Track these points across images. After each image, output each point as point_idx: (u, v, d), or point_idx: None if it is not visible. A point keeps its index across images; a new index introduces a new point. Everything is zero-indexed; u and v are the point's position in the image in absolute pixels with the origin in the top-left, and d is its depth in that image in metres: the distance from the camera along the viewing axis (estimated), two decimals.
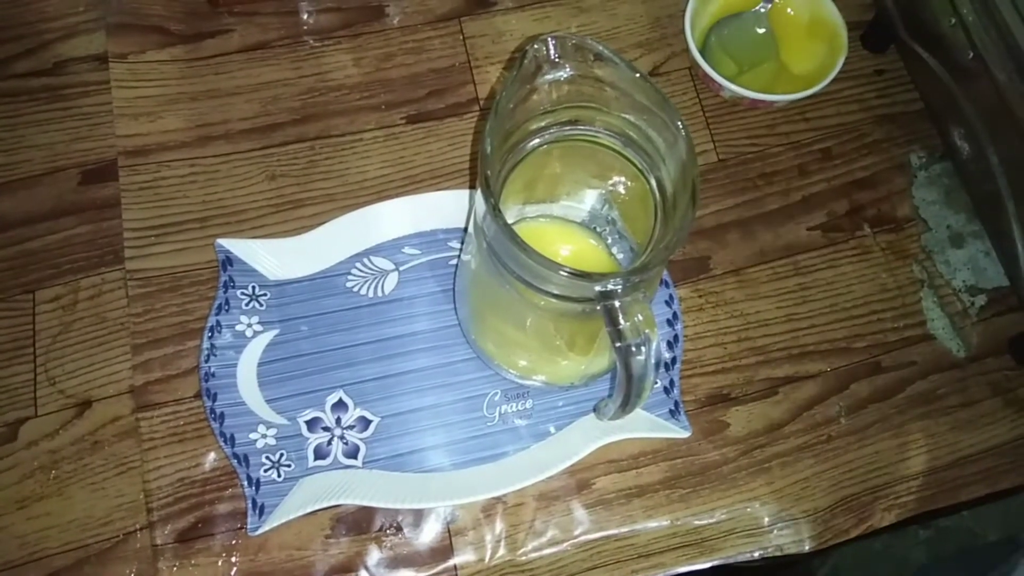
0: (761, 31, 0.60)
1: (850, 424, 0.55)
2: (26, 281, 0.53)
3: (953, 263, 0.59)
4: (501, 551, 0.50)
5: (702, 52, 0.58)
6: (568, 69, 0.38)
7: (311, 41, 0.60)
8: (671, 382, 0.54)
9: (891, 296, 0.58)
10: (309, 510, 0.49)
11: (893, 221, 0.60)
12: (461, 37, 0.62)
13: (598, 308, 0.35)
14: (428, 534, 0.50)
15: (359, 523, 0.50)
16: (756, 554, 0.52)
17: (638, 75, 0.37)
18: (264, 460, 0.50)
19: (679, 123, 0.36)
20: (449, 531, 0.51)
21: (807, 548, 0.52)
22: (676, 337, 0.55)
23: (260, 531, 0.48)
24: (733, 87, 0.57)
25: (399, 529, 0.50)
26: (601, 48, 0.37)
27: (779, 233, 0.59)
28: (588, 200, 0.48)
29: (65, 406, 0.51)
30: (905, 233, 0.60)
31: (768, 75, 0.60)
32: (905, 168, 0.62)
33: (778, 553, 0.52)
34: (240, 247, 0.54)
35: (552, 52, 0.37)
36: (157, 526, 0.49)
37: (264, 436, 0.51)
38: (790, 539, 0.52)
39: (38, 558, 0.48)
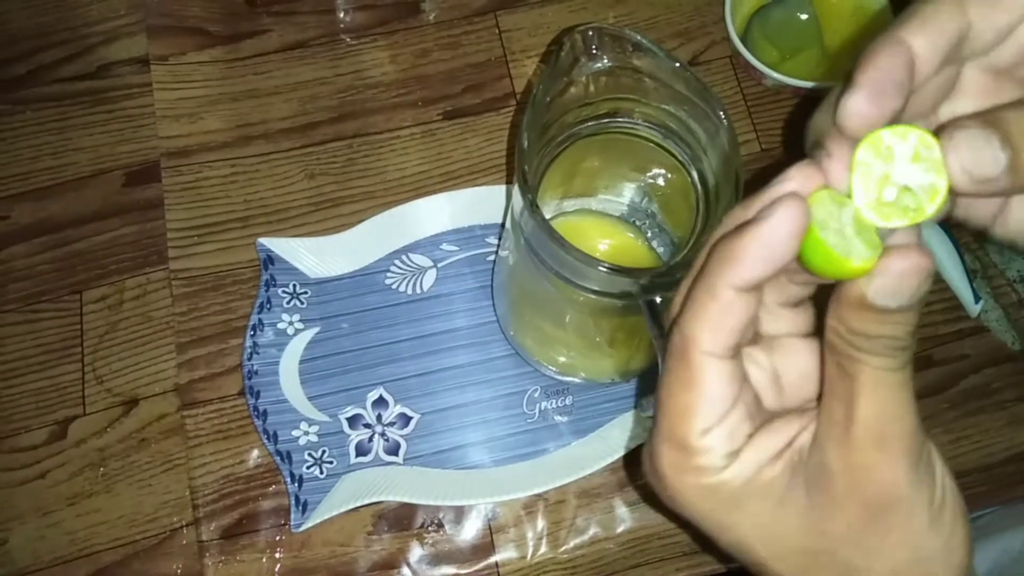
0: (804, 17, 0.59)
1: None
2: (73, 282, 0.54)
3: (1007, 252, 0.57)
4: (543, 548, 0.50)
5: (743, 40, 0.57)
6: (606, 60, 0.37)
7: (348, 39, 0.60)
8: None
9: (942, 287, 0.56)
10: (351, 507, 0.49)
11: None
12: (497, 31, 0.61)
13: (639, 303, 0.35)
14: (469, 531, 0.50)
15: (401, 520, 0.50)
16: None
17: (677, 65, 0.36)
18: (307, 457, 0.50)
19: (721, 113, 0.36)
20: (490, 528, 0.50)
21: None
22: None
23: (303, 527, 0.49)
24: (775, 75, 0.55)
25: (440, 526, 0.50)
26: (639, 38, 0.36)
27: None
28: (627, 193, 0.47)
29: (112, 404, 0.52)
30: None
31: (811, 62, 0.59)
32: None
33: None
34: (281, 246, 0.54)
35: (589, 44, 0.37)
36: (203, 522, 0.50)
37: (306, 433, 0.51)
38: None
39: (88, 553, 0.49)
